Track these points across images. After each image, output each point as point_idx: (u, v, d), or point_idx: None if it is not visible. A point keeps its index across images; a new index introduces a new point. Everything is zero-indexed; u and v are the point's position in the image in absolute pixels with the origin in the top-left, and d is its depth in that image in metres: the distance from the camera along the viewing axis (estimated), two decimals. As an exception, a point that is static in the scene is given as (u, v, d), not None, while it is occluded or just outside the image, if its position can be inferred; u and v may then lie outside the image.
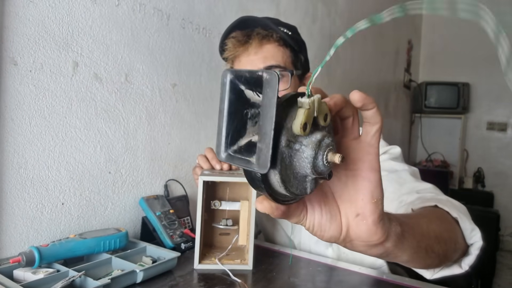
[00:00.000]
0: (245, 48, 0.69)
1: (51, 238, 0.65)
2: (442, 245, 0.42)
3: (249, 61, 0.70)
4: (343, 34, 0.27)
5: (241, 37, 0.69)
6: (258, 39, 0.68)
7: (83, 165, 0.70)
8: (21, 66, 0.60)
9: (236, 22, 0.71)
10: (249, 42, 0.68)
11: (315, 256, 0.72)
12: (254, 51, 0.69)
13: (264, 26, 0.70)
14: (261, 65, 0.69)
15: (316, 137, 0.25)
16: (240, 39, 0.69)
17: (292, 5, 1.37)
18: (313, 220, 0.30)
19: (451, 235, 0.45)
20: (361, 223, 0.29)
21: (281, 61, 0.70)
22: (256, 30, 0.69)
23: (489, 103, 3.22)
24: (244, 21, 0.71)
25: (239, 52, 0.70)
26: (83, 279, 0.52)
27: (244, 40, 0.69)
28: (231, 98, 0.26)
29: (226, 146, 0.25)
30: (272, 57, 0.69)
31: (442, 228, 0.44)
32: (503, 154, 3.16)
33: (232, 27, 0.71)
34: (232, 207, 0.71)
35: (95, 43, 0.70)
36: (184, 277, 0.60)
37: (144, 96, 0.81)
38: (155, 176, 0.85)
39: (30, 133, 0.62)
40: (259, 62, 0.69)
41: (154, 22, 0.82)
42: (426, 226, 0.41)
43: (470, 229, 0.47)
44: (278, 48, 0.70)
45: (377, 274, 0.64)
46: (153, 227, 0.74)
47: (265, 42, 0.69)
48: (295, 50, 0.73)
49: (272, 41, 0.69)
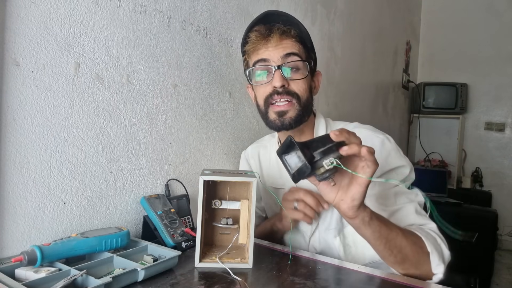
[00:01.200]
0: (266, 41, 0.75)
1: (53, 237, 0.65)
2: (402, 254, 0.62)
3: (267, 53, 0.75)
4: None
5: (264, 30, 0.75)
6: (278, 33, 0.74)
7: (85, 164, 0.70)
8: (23, 66, 0.60)
9: (261, 15, 0.78)
10: (270, 36, 0.74)
11: (315, 255, 0.73)
12: (274, 44, 0.75)
13: (285, 22, 0.76)
14: (281, 53, 0.74)
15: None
16: (263, 32, 0.75)
17: (291, 7, 1.38)
18: (321, 186, 0.60)
19: (414, 256, 0.63)
20: (342, 204, 0.58)
21: (298, 51, 0.76)
22: (277, 26, 0.75)
23: (487, 104, 3.23)
24: (268, 15, 0.78)
25: (260, 45, 0.76)
26: (84, 278, 0.52)
27: (266, 33, 0.75)
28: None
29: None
30: (291, 47, 0.75)
31: (409, 247, 0.62)
32: (501, 154, 3.18)
33: (257, 20, 0.78)
34: (233, 206, 0.71)
35: (96, 44, 0.71)
36: (185, 275, 0.61)
37: (145, 96, 0.82)
38: (156, 176, 0.85)
39: (32, 133, 0.62)
40: (278, 52, 0.75)
41: (155, 23, 0.83)
42: (395, 235, 0.61)
43: (436, 263, 0.64)
44: (295, 43, 0.76)
45: (377, 273, 0.64)
46: (154, 226, 0.75)
47: (284, 37, 0.75)
48: (308, 47, 0.79)
49: (290, 36, 0.75)
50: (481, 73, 3.21)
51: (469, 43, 3.27)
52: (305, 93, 0.77)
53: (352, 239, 0.78)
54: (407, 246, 0.62)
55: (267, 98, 0.77)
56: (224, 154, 1.06)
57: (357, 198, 0.55)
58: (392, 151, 0.77)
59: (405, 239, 0.62)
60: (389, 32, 2.66)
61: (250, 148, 0.99)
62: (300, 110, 0.76)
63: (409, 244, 0.62)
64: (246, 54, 0.81)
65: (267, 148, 0.93)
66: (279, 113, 0.76)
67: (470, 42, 3.27)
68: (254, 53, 0.78)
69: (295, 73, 0.76)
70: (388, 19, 2.62)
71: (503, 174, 3.14)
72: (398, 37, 2.91)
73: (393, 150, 0.77)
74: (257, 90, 0.80)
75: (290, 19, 0.77)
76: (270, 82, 0.75)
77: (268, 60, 0.75)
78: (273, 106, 0.77)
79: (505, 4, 3.15)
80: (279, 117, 0.76)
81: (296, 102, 0.75)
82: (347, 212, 0.57)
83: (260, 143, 0.98)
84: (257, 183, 0.65)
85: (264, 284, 0.59)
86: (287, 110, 0.75)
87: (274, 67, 0.75)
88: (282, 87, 0.74)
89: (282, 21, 0.76)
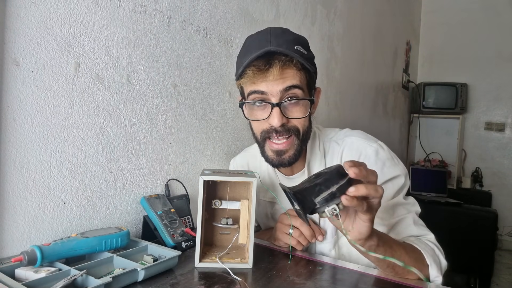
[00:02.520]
0: (265, 75, 0.67)
1: (53, 237, 0.65)
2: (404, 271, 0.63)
3: (265, 84, 0.68)
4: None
5: (262, 65, 0.67)
6: (279, 65, 0.66)
7: (85, 164, 0.70)
8: (23, 66, 0.60)
9: (260, 53, 0.66)
10: (269, 70, 0.66)
11: (314, 255, 0.73)
12: (275, 78, 0.67)
13: (285, 54, 0.67)
14: (280, 87, 0.67)
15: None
16: (261, 68, 0.67)
17: (291, 7, 1.38)
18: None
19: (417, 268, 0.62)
20: (350, 234, 0.57)
21: (299, 83, 0.69)
22: (277, 57, 0.66)
23: (487, 104, 3.23)
24: (268, 53, 0.67)
25: (258, 78, 0.68)
26: (84, 278, 0.52)
27: (266, 68, 0.66)
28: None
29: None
30: (292, 79, 0.68)
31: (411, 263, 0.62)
32: (501, 154, 3.18)
33: (255, 57, 0.67)
34: (232, 206, 0.71)
35: (96, 44, 0.71)
36: (185, 275, 0.61)
37: (145, 96, 0.82)
38: (156, 176, 0.85)
39: (32, 133, 0.62)
40: (278, 85, 0.67)
41: (155, 23, 0.83)
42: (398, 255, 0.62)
43: (435, 275, 0.66)
44: (297, 72, 0.69)
45: (377, 273, 0.64)
46: (154, 226, 0.75)
47: (285, 68, 0.67)
48: (311, 72, 0.72)
49: (292, 66, 0.68)
50: (481, 73, 3.21)
51: (469, 43, 3.27)
52: (305, 125, 0.72)
53: (347, 249, 0.78)
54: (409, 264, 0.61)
55: (264, 133, 0.72)
56: (224, 154, 1.06)
57: (364, 232, 0.55)
58: (387, 160, 0.75)
59: (407, 257, 0.63)
60: (389, 32, 2.66)
61: (239, 158, 0.96)
62: (299, 145, 0.71)
63: (411, 262, 0.63)
64: (243, 86, 0.73)
65: (256, 158, 0.87)
66: (277, 153, 0.71)
67: (470, 42, 3.27)
68: (250, 85, 0.70)
69: (295, 107, 0.69)
70: (388, 19, 2.62)
71: (503, 174, 3.14)
72: (398, 37, 2.91)
73: (388, 159, 0.76)
74: (253, 122, 0.74)
75: (289, 52, 0.67)
76: (267, 119, 0.69)
77: (266, 93, 0.68)
78: (270, 142, 0.72)
79: (505, 4, 3.15)
80: (277, 156, 0.71)
81: (295, 137, 0.71)
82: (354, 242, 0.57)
83: (248, 152, 0.94)
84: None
85: (264, 284, 0.59)
86: (286, 150, 0.71)
87: (273, 104, 0.68)
88: (281, 126, 0.69)
89: (283, 52, 0.67)
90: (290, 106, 0.70)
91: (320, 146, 0.81)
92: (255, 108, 0.72)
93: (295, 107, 0.70)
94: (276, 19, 1.29)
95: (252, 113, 0.73)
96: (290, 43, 0.68)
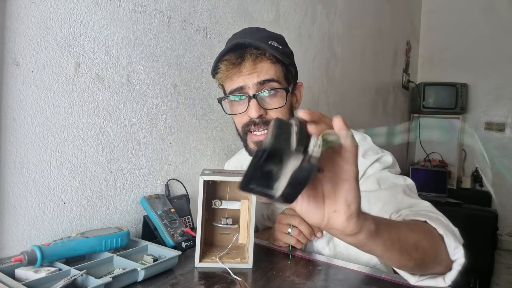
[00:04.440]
0: (239, 69, 0.69)
1: (53, 237, 0.65)
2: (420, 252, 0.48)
3: (241, 79, 0.70)
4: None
5: (234, 59, 0.69)
6: (251, 59, 0.68)
7: (85, 164, 0.70)
8: (23, 66, 0.60)
9: (230, 46, 0.70)
10: (242, 64, 0.68)
11: (314, 255, 0.73)
12: (248, 71, 0.69)
13: (257, 47, 0.69)
14: (255, 80, 0.69)
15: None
16: (234, 61, 0.69)
17: (291, 7, 1.38)
18: (302, 206, 0.38)
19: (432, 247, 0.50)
20: (337, 217, 0.37)
21: (274, 75, 0.70)
22: (249, 51, 0.68)
23: (487, 104, 3.23)
24: (237, 45, 0.70)
25: (232, 73, 0.70)
26: (84, 278, 0.52)
27: (238, 62, 0.68)
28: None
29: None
30: (266, 72, 0.70)
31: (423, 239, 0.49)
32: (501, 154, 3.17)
33: (225, 51, 0.70)
34: (232, 206, 0.71)
35: (96, 44, 0.71)
36: (185, 275, 0.61)
37: (146, 96, 0.82)
38: (156, 176, 0.85)
39: (32, 133, 0.62)
40: (253, 78, 0.69)
41: (155, 23, 0.83)
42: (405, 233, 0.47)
43: (454, 246, 0.51)
44: (271, 65, 0.70)
45: (376, 273, 0.64)
46: (154, 226, 0.75)
47: (258, 61, 0.69)
48: (286, 64, 0.73)
49: (265, 59, 0.69)
50: (481, 73, 3.21)
51: (469, 43, 3.27)
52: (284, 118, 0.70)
53: (345, 246, 0.77)
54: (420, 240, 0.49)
55: (244, 126, 0.74)
56: (224, 154, 1.06)
57: (353, 200, 0.36)
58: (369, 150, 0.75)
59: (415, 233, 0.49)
60: (389, 32, 2.66)
61: (233, 160, 0.98)
62: None
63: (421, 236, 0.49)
64: (219, 82, 0.75)
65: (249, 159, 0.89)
66: (258, 144, 0.72)
67: (470, 42, 3.27)
68: (227, 80, 0.72)
69: (273, 98, 0.71)
70: (388, 19, 2.62)
71: (503, 174, 3.14)
72: (398, 37, 2.91)
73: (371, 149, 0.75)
74: (234, 117, 0.77)
75: (259, 44, 0.69)
76: (246, 112, 0.71)
77: (244, 87, 0.70)
78: (251, 134, 0.73)
79: (505, 4, 3.15)
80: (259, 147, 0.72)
81: None
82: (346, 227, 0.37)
83: (242, 153, 0.96)
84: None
85: (264, 284, 0.59)
86: None
87: (249, 96, 0.70)
88: (259, 118, 0.70)
89: (254, 46, 0.69)
90: (268, 99, 0.71)
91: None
92: (235, 103, 0.74)
93: (272, 99, 0.71)
94: (276, 19, 1.29)
95: (232, 109, 0.75)
96: (264, 38, 0.71)
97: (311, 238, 0.74)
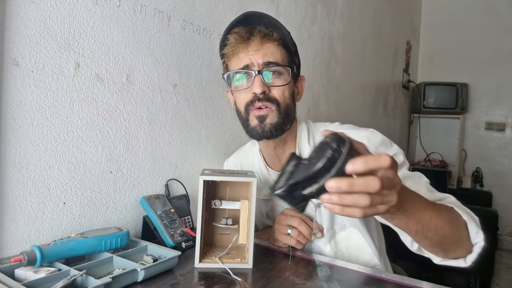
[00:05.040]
0: (246, 44, 0.71)
1: (52, 237, 0.65)
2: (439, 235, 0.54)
3: (248, 57, 0.71)
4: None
5: (244, 33, 0.71)
6: (260, 36, 0.70)
7: (84, 164, 0.70)
8: (23, 66, 0.60)
9: (240, 17, 0.72)
10: (251, 39, 0.70)
11: (314, 255, 0.73)
12: (255, 48, 0.70)
13: (266, 24, 0.72)
14: (260, 60, 0.71)
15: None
16: (243, 35, 0.70)
17: (291, 6, 1.38)
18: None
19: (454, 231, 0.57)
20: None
21: (279, 59, 0.72)
22: (258, 28, 0.71)
23: (487, 104, 3.23)
24: (248, 17, 0.73)
25: (239, 48, 0.71)
26: (84, 278, 0.52)
27: (247, 36, 0.70)
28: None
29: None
30: (272, 54, 0.71)
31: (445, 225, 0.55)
32: (502, 154, 3.17)
33: (236, 21, 0.73)
34: (232, 206, 0.71)
35: (96, 44, 0.71)
36: (185, 275, 0.60)
37: (145, 96, 0.82)
38: (156, 176, 0.85)
39: (32, 133, 0.62)
40: (258, 58, 0.71)
41: (155, 23, 0.83)
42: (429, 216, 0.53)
43: (475, 231, 0.58)
44: (277, 47, 0.72)
45: (377, 273, 0.64)
46: (154, 226, 0.75)
47: (266, 41, 0.71)
48: (291, 51, 0.75)
49: (272, 40, 0.71)
50: (481, 73, 3.21)
51: (469, 43, 3.27)
52: (286, 100, 0.73)
53: (345, 244, 0.77)
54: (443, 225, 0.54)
55: (247, 105, 0.73)
56: (224, 154, 1.06)
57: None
58: (380, 145, 0.74)
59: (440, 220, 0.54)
60: (389, 32, 2.66)
61: (232, 158, 0.97)
62: (280, 118, 0.72)
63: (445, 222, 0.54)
64: (225, 57, 0.76)
65: (249, 157, 0.89)
66: (259, 118, 0.72)
67: (471, 42, 3.26)
68: (234, 57, 0.73)
69: (277, 78, 0.72)
70: (388, 19, 2.62)
71: (504, 174, 3.14)
72: (398, 37, 2.91)
73: (382, 143, 0.74)
74: (237, 95, 0.76)
75: (272, 21, 0.73)
76: (250, 88, 0.71)
77: (249, 65, 0.71)
78: (253, 110, 0.73)
79: (505, 4, 3.15)
80: (260, 122, 0.72)
81: (275, 109, 0.72)
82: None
83: (241, 151, 0.96)
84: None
85: (264, 285, 0.58)
86: (266, 115, 0.72)
87: (255, 72, 0.70)
88: (262, 94, 0.71)
89: (263, 23, 0.72)
90: (273, 78, 0.72)
91: (310, 140, 0.81)
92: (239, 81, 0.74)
93: (276, 79, 0.72)
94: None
95: (236, 87, 0.75)
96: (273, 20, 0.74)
97: (311, 238, 0.74)
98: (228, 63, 0.76)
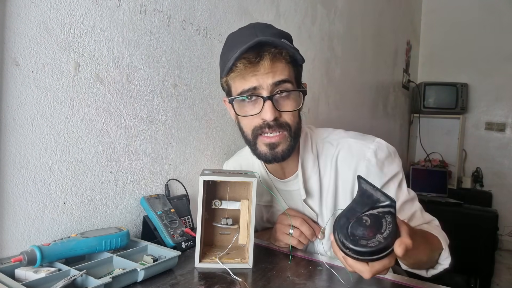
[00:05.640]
0: (256, 68, 0.65)
1: (52, 237, 0.65)
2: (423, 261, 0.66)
3: (255, 79, 0.66)
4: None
5: (253, 57, 0.64)
6: (269, 57, 0.65)
7: (84, 164, 0.70)
8: (23, 66, 0.60)
9: (252, 43, 0.64)
10: (260, 63, 0.64)
11: (315, 256, 0.73)
12: (265, 70, 0.65)
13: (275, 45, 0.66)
14: (270, 80, 0.66)
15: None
16: (252, 60, 0.64)
17: (292, 6, 1.38)
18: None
19: (433, 256, 0.67)
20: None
21: (289, 77, 0.68)
22: (267, 49, 0.65)
23: (487, 104, 3.23)
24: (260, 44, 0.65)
25: (246, 72, 0.66)
26: (84, 278, 0.52)
27: (256, 60, 0.65)
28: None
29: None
30: (281, 73, 0.67)
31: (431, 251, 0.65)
32: (502, 154, 3.17)
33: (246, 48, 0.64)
34: (232, 206, 0.71)
35: (96, 44, 0.71)
36: (185, 275, 0.61)
37: (145, 96, 0.82)
38: (156, 176, 0.85)
39: (32, 133, 0.62)
40: (268, 79, 0.66)
41: (155, 23, 0.83)
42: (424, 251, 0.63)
43: (446, 256, 0.68)
44: (286, 65, 0.68)
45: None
46: (154, 226, 0.75)
47: (276, 60, 0.66)
48: (299, 64, 0.72)
49: (281, 58, 0.66)
50: (481, 73, 3.21)
51: (469, 42, 3.27)
52: (296, 120, 0.70)
53: None
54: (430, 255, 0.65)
55: (255, 129, 0.69)
56: (224, 154, 1.06)
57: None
58: (386, 160, 0.74)
59: (432, 252, 0.66)
60: (389, 32, 2.66)
61: (232, 161, 0.95)
62: (291, 141, 0.70)
63: (431, 252, 0.65)
64: (231, 83, 0.70)
65: (249, 161, 0.87)
66: (270, 146, 0.69)
67: (471, 41, 3.26)
68: (239, 79, 0.67)
69: (286, 101, 0.68)
70: (388, 19, 2.62)
71: (504, 174, 3.14)
72: (398, 37, 2.91)
73: (386, 158, 0.75)
74: (243, 119, 0.71)
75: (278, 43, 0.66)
76: (260, 113, 0.67)
77: (257, 87, 0.66)
78: (263, 137, 0.69)
79: (505, 4, 3.15)
80: (270, 149, 0.70)
81: (288, 134, 0.69)
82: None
83: (240, 155, 0.94)
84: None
85: (264, 285, 0.58)
86: (278, 143, 0.69)
87: (265, 98, 0.66)
88: (274, 120, 0.67)
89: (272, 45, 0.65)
90: (281, 100, 0.68)
91: (313, 148, 0.79)
92: (245, 104, 0.69)
93: (286, 101, 0.68)
94: (276, 19, 1.28)
95: (242, 110, 0.70)
96: (277, 35, 0.68)
97: (313, 239, 0.75)
98: (232, 86, 0.70)
